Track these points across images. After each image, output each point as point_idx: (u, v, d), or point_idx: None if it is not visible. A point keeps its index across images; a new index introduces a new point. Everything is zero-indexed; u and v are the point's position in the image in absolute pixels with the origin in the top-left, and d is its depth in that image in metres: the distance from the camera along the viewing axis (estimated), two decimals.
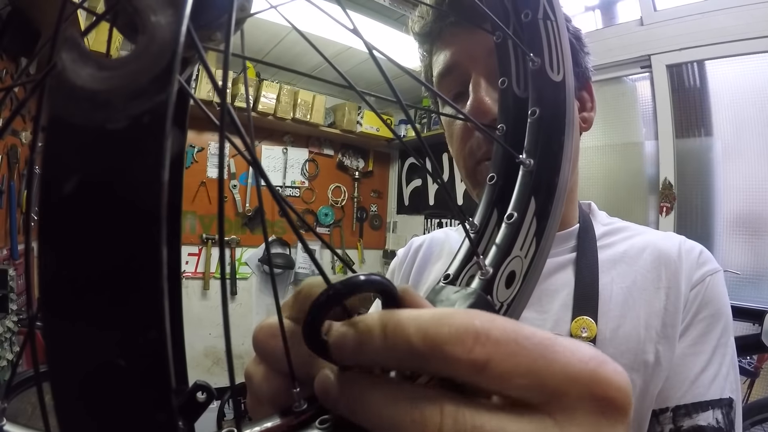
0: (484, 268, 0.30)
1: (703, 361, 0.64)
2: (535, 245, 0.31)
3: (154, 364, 0.13)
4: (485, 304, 0.29)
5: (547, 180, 0.33)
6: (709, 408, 0.61)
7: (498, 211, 0.35)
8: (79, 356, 0.13)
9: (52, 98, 0.12)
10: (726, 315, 0.68)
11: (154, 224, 0.13)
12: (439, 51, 0.71)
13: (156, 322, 0.13)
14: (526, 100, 0.38)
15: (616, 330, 0.65)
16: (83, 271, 0.13)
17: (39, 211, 0.12)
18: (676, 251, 0.71)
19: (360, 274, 0.21)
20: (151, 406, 0.13)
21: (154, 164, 0.13)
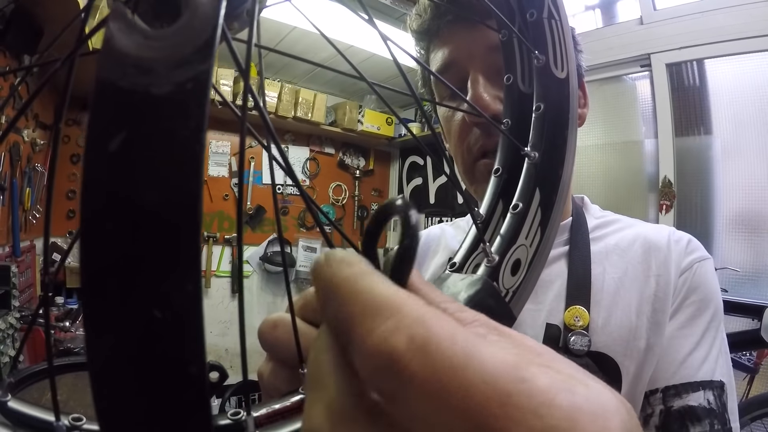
0: (490, 255, 0.31)
1: (691, 343, 0.65)
2: (540, 235, 0.33)
3: (189, 317, 0.14)
4: (491, 291, 0.30)
5: (551, 172, 0.35)
6: (699, 389, 0.61)
7: (503, 203, 0.36)
8: (119, 304, 0.14)
9: (100, 63, 0.13)
10: (715, 301, 0.69)
11: (194, 181, 0.14)
12: (436, 48, 0.72)
13: (193, 277, 0.14)
14: (530, 96, 0.39)
15: (608, 318, 0.67)
16: (127, 221, 0.14)
17: (84, 165, 0.13)
18: (665, 241, 0.73)
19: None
20: (184, 358, 0.14)
21: (195, 127, 0.14)
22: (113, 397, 0.14)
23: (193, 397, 0.15)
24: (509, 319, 0.31)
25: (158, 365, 0.14)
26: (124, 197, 0.14)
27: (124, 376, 0.14)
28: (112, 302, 0.14)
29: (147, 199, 0.14)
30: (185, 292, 0.14)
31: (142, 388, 0.15)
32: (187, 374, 0.15)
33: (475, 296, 0.29)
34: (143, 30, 0.14)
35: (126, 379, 0.14)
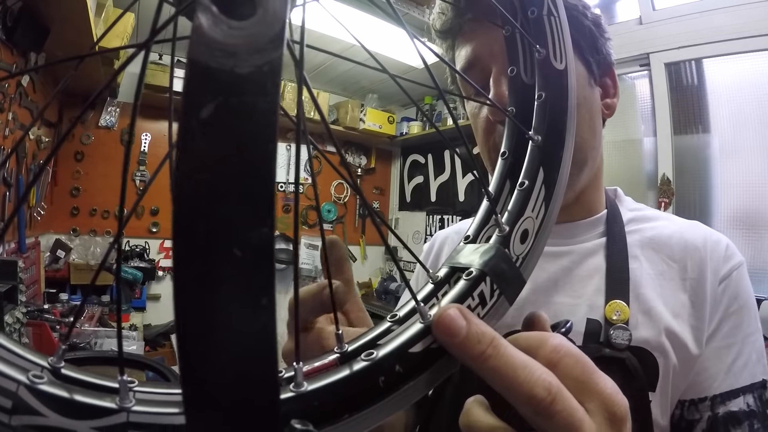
0: (501, 225, 0.34)
1: (735, 352, 0.68)
2: (545, 209, 0.36)
3: (264, 256, 0.17)
4: (504, 256, 0.33)
5: (553, 153, 0.38)
6: (740, 394, 0.65)
7: (510, 182, 0.39)
8: (205, 244, 0.17)
9: (192, 47, 0.17)
10: (753, 304, 0.72)
11: (272, 143, 0.17)
12: (460, 46, 0.73)
13: (269, 222, 0.17)
14: (532, 86, 0.42)
15: (647, 313, 0.68)
16: (215, 174, 0.17)
17: (180, 129, 0.16)
18: (702, 242, 0.74)
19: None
20: (258, 291, 0.17)
21: (271, 101, 0.17)
22: (195, 323, 0.18)
23: (264, 323, 0.18)
24: (519, 283, 0.34)
25: (236, 296, 0.17)
26: (213, 155, 0.17)
27: (206, 307, 0.17)
28: (199, 243, 0.17)
29: (232, 156, 0.17)
30: (261, 234, 0.17)
31: (221, 316, 0.18)
32: (260, 305, 0.18)
33: (489, 261, 0.32)
34: (227, 21, 0.17)
35: (207, 310, 0.17)
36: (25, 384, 0.22)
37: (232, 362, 0.18)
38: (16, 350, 0.24)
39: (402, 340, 0.30)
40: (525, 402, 0.29)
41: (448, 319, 0.29)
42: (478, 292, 0.31)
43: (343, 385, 0.27)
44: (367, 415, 0.27)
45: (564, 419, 0.29)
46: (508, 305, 0.33)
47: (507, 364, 0.29)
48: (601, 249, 0.75)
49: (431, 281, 0.35)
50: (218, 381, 0.18)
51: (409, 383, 0.29)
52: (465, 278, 0.32)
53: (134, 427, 0.23)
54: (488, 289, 0.32)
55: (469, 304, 0.31)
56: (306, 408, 0.25)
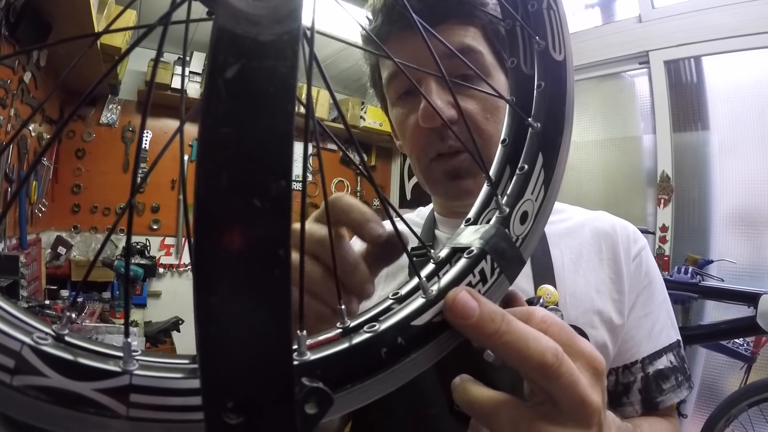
0: (501, 207, 0.35)
1: (652, 319, 0.78)
2: (544, 192, 0.37)
3: (282, 207, 0.19)
4: (504, 236, 0.34)
5: (551, 139, 0.39)
6: (663, 354, 0.76)
7: (510, 168, 0.40)
8: (228, 193, 0.18)
9: (219, 15, 0.18)
10: (659, 277, 0.82)
11: (291, 102, 0.19)
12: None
13: (286, 175, 0.18)
14: (532, 77, 0.43)
15: (573, 294, 0.75)
16: (238, 129, 0.18)
17: (206, 88, 0.18)
18: (611, 228, 0.82)
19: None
20: (275, 241, 0.19)
21: (291, 66, 0.19)
22: (212, 269, 0.19)
23: (279, 274, 0.19)
24: (520, 263, 0.35)
25: (254, 246, 0.19)
26: (236, 111, 0.18)
27: (224, 253, 0.18)
28: (221, 191, 0.18)
29: (253, 113, 0.18)
30: (280, 186, 0.18)
31: (238, 263, 0.19)
32: (276, 254, 0.19)
33: (489, 240, 0.33)
34: None
35: (224, 256, 0.19)
36: (29, 344, 0.22)
37: (247, 313, 0.19)
38: (21, 316, 0.24)
39: (404, 313, 0.30)
40: (537, 369, 0.32)
41: (462, 302, 0.30)
42: (479, 269, 0.33)
43: (345, 356, 0.28)
44: (370, 386, 0.28)
45: (567, 379, 0.32)
46: (508, 284, 0.34)
47: (520, 338, 0.32)
48: None
49: (432, 261, 0.35)
50: (233, 329, 0.19)
51: (412, 356, 0.30)
52: (466, 256, 0.33)
53: (137, 390, 0.23)
54: (489, 267, 0.33)
55: (470, 281, 0.32)
56: (309, 377, 0.26)
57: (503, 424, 0.35)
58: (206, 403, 0.19)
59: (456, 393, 0.39)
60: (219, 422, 0.19)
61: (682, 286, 2.00)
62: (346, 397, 0.27)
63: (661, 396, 0.74)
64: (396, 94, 0.77)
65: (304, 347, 0.27)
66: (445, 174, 0.74)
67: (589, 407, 0.33)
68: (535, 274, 0.75)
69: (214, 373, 0.19)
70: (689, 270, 2.03)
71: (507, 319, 0.32)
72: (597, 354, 0.36)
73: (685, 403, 2.41)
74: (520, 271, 0.35)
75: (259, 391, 0.20)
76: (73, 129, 3.27)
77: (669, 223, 2.69)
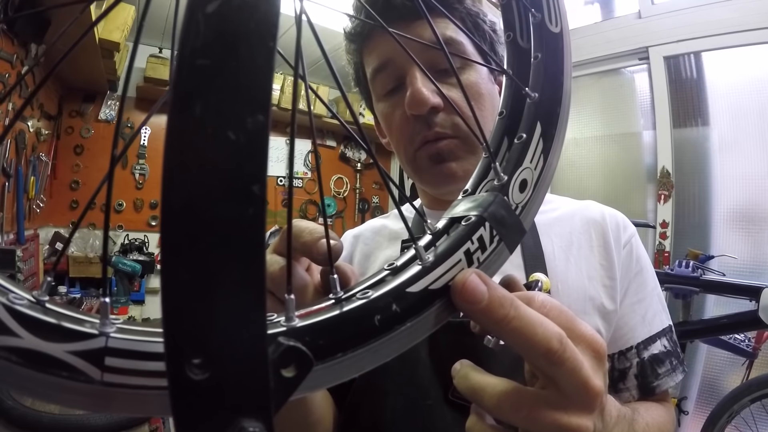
0: (499, 174, 0.34)
1: (645, 305, 0.79)
2: (543, 161, 0.36)
3: (258, 142, 0.18)
4: (503, 203, 0.33)
5: (549, 109, 0.38)
6: (657, 339, 0.77)
7: (508, 139, 0.40)
8: (200, 124, 0.17)
9: None
10: (649, 264, 0.83)
11: (271, 41, 0.18)
12: (371, 49, 0.77)
13: (264, 109, 0.18)
14: (528, 50, 0.42)
15: (565, 282, 0.75)
16: (214, 60, 0.17)
17: (184, 23, 0.17)
18: (600, 216, 0.83)
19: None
20: (249, 177, 0.18)
21: (273, 3, 0.18)
22: (179, 202, 0.17)
23: (253, 212, 0.18)
24: (520, 231, 0.34)
25: (227, 180, 0.18)
26: (215, 44, 0.17)
27: (194, 186, 0.17)
28: (194, 119, 0.17)
29: (232, 46, 0.17)
30: (257, 120, 0.17)
31: (211, 198, 0.18)
32: (250, 191, 0.18)
33: (488, 207, 0.32)
34: None
35: (195, 190, 0.17)
36: (3, 303, 0.21)
37: (215, 255, 0.18)
38: (1, 281, 0.23)
39: (400, 280, 0.29)
40: (543, 355, 0.32)
41: (472, 286, 0.30)
42: (477, 236, 0.32)
43: (336, 323, 0.27)
44: (363, 355, 0.27)
45: (571, 363, 0.32)
46: (508, 253, 0.33)
47: (528, 324, 0.32)
48: None
49: (429, 232, 0.34)
50: (199, 274, 0.18)
51: (407, 324, 0.28)
52: (464, 224, 0.32)
53: (112, 352, 0.22)
54: (487, 234, 0.32)
55: (468, 248, 0.31)
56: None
57: (506, 409, 0.34)
58: (169, 356, 0.18)
59: (457, 379, 0.39)
60: (182, 377, 0.18)
61: (683, 279, 1.98)
62: (336, 366, 0.26)
63: (657, 380, 0.75)
64: (383, 90, 0.78)
65: (292, 312, 0.26)
66: (429, 158, 0.74)
67: (592, 391, 0.33)
68: (526, 263, 0.75)
69: (177, 322, 0.18)
70: (690, 264, 2.02)
71: (515, 305, 0.32)
72: (598, 337, 0.37)
73: (686, 400, 2.41)
74: (520, 241, 0.34)
75: (226, 344, 0.18)
76: (72, 125, 3.26)
77: (669, 218, 2.68)
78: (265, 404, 0.19)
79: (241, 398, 0.18)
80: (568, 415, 0.33)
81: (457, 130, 0.72)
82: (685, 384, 2.54)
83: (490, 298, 0.30)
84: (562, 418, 0.33)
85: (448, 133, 0.72)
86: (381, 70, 0.75)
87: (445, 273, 0.30)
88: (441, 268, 0.30)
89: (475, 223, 0.32)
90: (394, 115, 0.76)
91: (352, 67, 0.86)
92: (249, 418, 0.18)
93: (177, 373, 0.17)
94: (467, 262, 0.31)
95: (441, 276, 0.30)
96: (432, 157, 0.74)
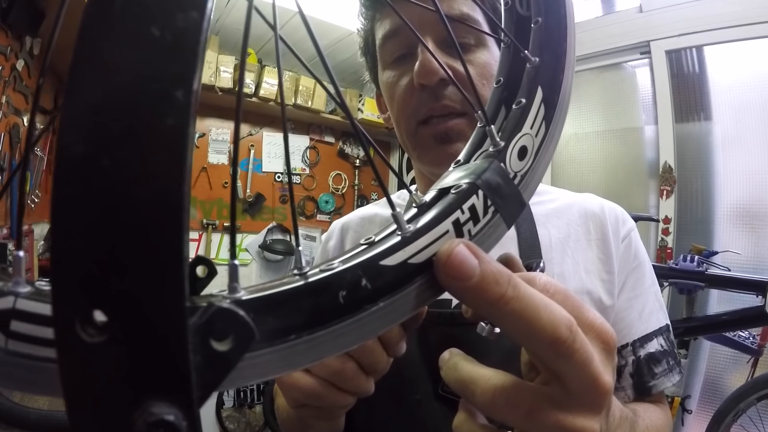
0: (495, 139, 0.31)
1: (642, 302, 0.76)
2: (545, 128, 0.33)
3: (187, 42, 0.15)
4: (500, 170, 0.30)
5: (552, 75, 0.35)
6: (653, 337, 0.75)
7: (505, 108, 0.36)
8: (115, 16, 0.14)
9: None
10: (647, 260, 0.81)
11: None
12: (384, 17, 0.75)
13: (199, 5, 0.15)
14: (528, 17, 0.39)
15: (561, 274, 0.73)
16: None
17: None
18: (599, 209, 0.81)
19: None
20: (172, 80, 0.15)
21: None
22: (85, 102, 0.14)
23: (174, 123, 0.15)
24: (519, 203, 0.31)
25: (144, 83, 0.14)
26: None
27: (105, 90, 0.14)
28: (113, 14, 0.14)
29: None
30: (189, 17, 0.14)
31: (121, 104, 0.14)
32: (171, 97, 0.14)
33: (481, 174, 0.29)
34: None
35: (107, 93, 0.14)
36: None
37: (124, 172, 0.14)
38: None
39: (373, 252, 0.25)
40: (549, 345, 0.27)
41: (459, 258, 0.25)
42: (468, 206, 0.28)
43: (290, 297, 0.22)
44: (322, 339, 0.22)
45: (581, 356, 0.28)
46: (505, 227, 0.30)
47: (530, 306, 0.27)
48: None
49: (415, 205, 0.30)
50: (102, 192, 0.14)
51: (379, 303, 0.24)
52: (453, 192, 0.29)
53: (21, 316, 0.18)
54: (481, 203, 0.28)
55: (458, 218, 0.27)
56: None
57: (501, 407, 0.29)
58: (55, 308, 0.14)
59: (445, 370, 0.34)
60: (71, 338, 0.14)
61: (688, 274, 1.93)
62: (288, 351, 0.21)
63: (653, 380, 0.73)
64: (391, 56, 0.75)
65: (237, 280, 0.21)
66: (434, 137, 0.71)
67: (601, 388, 0.29)
68: (522, 254, 0.73)
69: (67, 259, 0.14)
70: (695, 258, 1.98)
71: (514, 282, 0.27)
72: (608, 326, 0.32)
73: (689, 399, 2.38)
74: (519, 214, 0.31)
75: (130, 295, 0.14)
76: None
77: (671, 214, 2.65)
78: (183, 384, 0.14)
79: (151, 373, 0.14)
80: (573, 415, 0.29)
81: (467, 106, 0.69)
82: (689, 382, 2.51)
83: (482, 273, 0.25)
84: (566, 419, 0.28)
85: (456, 108, 0.69)
86: (392, 36, 0.73)
87: (429, 245, 0.26)
88: (424, 239, 0.26)
89: (466, 191, 0.28)
90: (399, 85, 0.74)
91: (362, 34, 0.83)
92: (161, 401, 0.14)
93: (65, 332, 0.13)
94: (456, 233, 0.27)
95: (424, 248, 0.26)
96: (437, 136, 0.71)
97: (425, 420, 0.64)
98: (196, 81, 0.15)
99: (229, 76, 3.08)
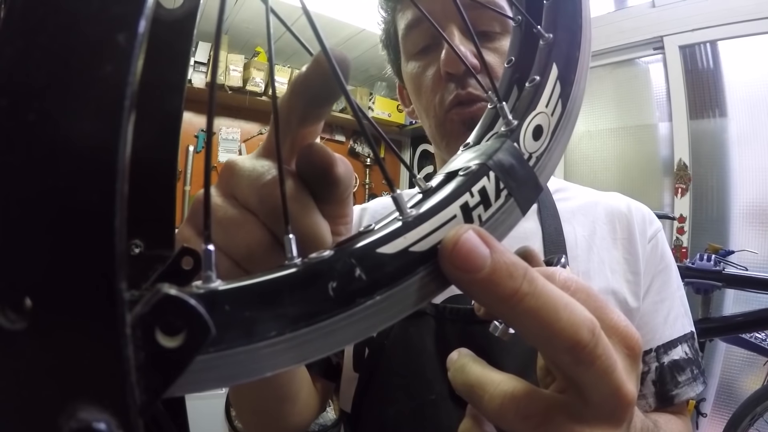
0: (507, 117, 0.28)
1: (668, 306, 0.74)
2: (561, 107, 0.30)
3: None
4: (513, 151, 0.27)
5: (567, 52, 0.32)
6: (678, 344, 0.72)
7: (518, 88, 0.34)
8: None
9: None
10: (674, 263, 0.79)
11: None
12: (405, 7, 0.73)
13: None
14: None
15: (586, 272, 0.71)
16: None
17: None
18: (626, 208, 0.79)
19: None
20: (114, 20, 0.12)
21: None
22: (15, 51, 0.12)
23: (112, 70, 0.12)
24: (535, 186, 0.28)
25: (79, 25, 0.12)
26: None
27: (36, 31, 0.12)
28: None
29: None
30: None
31: (53, 47, 0.12)
32: (111, 41, 0.12)
33: (492, 154, 0.26)
34: None
35: (38, 37, 0.12)
36: None
37: (56, 122, 0.12)
38: None
39: (369, 239, 0.22)
40: (568, 349, 0.24)
41: (468, 247, 0.22)
42: (478, 188, 0.25)
43: (272, 288, 0.19)
44: (308, 337, 0.19)
45: (603, 363, 0.24)
46: (519, 213, 0.27)
47: (548, 304, 0.23)
48: (534, 214, 0.76)
49: (420, 191, 0.27)
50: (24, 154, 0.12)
51: (375, 297, 0.21)
52: (461, 174, 0.26)
53: None
54: (492, 186, 0.26)
55: (466, 201, 0.25)
56: (213, 314, 0.16)
57: (510, 417, 0.26)
58: None
59: (452, 372, 0.30)
60: None
61: (705, 273, 1.88)
62: (268, 351, 0.18)
63: (676, 389, 0.70)
64: (415, 47, 0.73)
65: (212, 268, 0.18)
66: (463, 123, 0.69)
67: (624, 399, 0.25)
68: (547, 250, 0.71)
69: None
70: (711, 257, 1.94)
71: (530, 277, 0.23)
72: (633, 330, 0.28)
73: (704, 402, 2.33)
74: (536, 199, 0.28)
75: (54, 277, 0.12)
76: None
77: (687, 213, 2.60)
78: (118, 386, 0.12)
79: (78, 371, 0.12)
80: (591, 427, 0.25)
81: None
82: None
83: (493, 264, 0.22)
84: None
85: (482, 96, 0.67)
86: (415, 25, 0.72)
87: (434, 231, 0.23)
88: (428, 225, 0.23)
89: (475, 172, 0.25)
90: (424, 75, 0.72)
91: (383, 25, 0.82)
92: (91, 405, 0.11)
93: None
94: (464, 218, 0.24)
95: (428, 235, 0.22)
96: (466, 122, 0.69)
97: (440, 421, 0.62)
98: (141, 24, 0.12)
99: (238, 75, 3.08)
